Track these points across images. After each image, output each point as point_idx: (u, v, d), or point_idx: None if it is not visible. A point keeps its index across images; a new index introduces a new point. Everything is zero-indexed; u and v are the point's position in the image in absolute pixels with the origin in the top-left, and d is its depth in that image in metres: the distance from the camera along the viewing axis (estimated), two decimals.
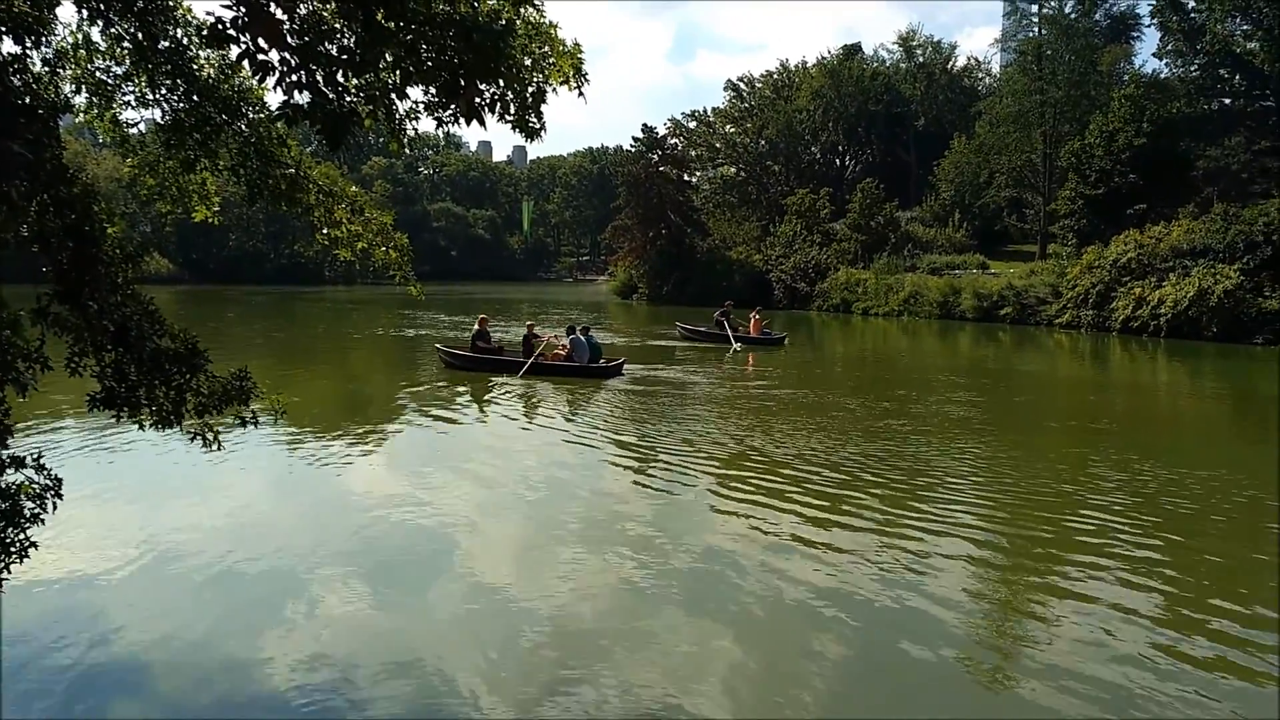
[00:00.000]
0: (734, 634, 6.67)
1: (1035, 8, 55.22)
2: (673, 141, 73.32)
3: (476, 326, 22.28)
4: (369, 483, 11.00)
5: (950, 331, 39.55)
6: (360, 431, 14.29)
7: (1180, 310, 32.74)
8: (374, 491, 10.54)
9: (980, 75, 79.25)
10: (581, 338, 21.25)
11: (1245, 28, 52.93)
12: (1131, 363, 28.62)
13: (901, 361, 29.69)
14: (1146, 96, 46.89)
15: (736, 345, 28.25)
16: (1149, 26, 59.35)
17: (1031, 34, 55.38)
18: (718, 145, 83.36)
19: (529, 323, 23.35)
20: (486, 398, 17.73)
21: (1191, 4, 54.66)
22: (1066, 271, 39.57)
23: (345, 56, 4.40)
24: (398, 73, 4.64)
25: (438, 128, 5.29)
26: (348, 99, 4.56)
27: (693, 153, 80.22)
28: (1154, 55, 57.60)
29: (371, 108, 4.83)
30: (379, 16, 4.26)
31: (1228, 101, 54.10)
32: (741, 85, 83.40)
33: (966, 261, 49.95)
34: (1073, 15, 54.72)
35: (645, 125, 64.52)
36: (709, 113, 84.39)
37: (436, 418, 15.75)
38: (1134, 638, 6.45)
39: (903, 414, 16.47)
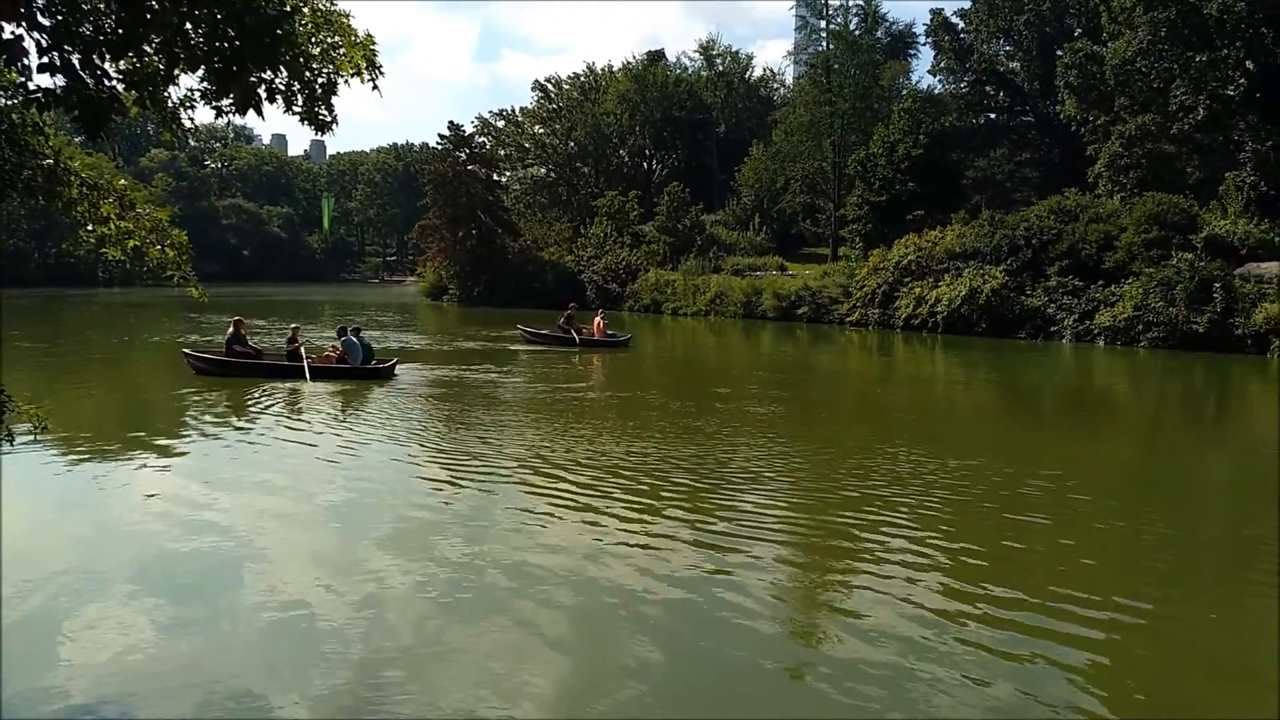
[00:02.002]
0: (545, 639, 6.60)
1: (823, 24, 58.69)
2: (480, 140, 72.36)
3: (231, 330, 20.68)
4: (153, 502, 10.08)
5: (753, 330, 41.32)
6: (137, 447, 13.03)
7: (954, 308, 35.77)
8: (159, 511, 9.68)
9: (775, 85, 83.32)
10: (354, 338, 20.47)
11: (1008, 49, 58.69)
12: (914, 357, 30.99)
13: (709, 360, 30.73)
14: (922, 110, 50.86)
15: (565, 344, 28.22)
16: (924, 45, 64.66)
17: (820, 48, 58.78)
18: (527, 145, 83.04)
19: (294, 325, 22.24)
20: (262, 405, 16.54)
21: (961, 25, 59.99)
22: (855, 273, 42.26)
23: (105, 38, 4.00)
24: (164, 57, 4.27)
25: (217, 117, 4.94)
26: (108, 84, 4.15)
27: (501, 152, 79.49)
28: (929, 72, 62.57)
29: (136, 94, 4.42)
30: None
31: (993, 116, 59.77)
32: (549, 86, 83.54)
33: (766, 263, 52.30)
34: (857, 32, 58.59)
35: (452, 123, 63.54)
36: (517, 113, 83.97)
37: (215, 428, 14.64)
38: (919, 625, 6.78)
39: (709, 413, 16.99)
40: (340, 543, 8.82)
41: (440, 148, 64.89)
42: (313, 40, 4.93)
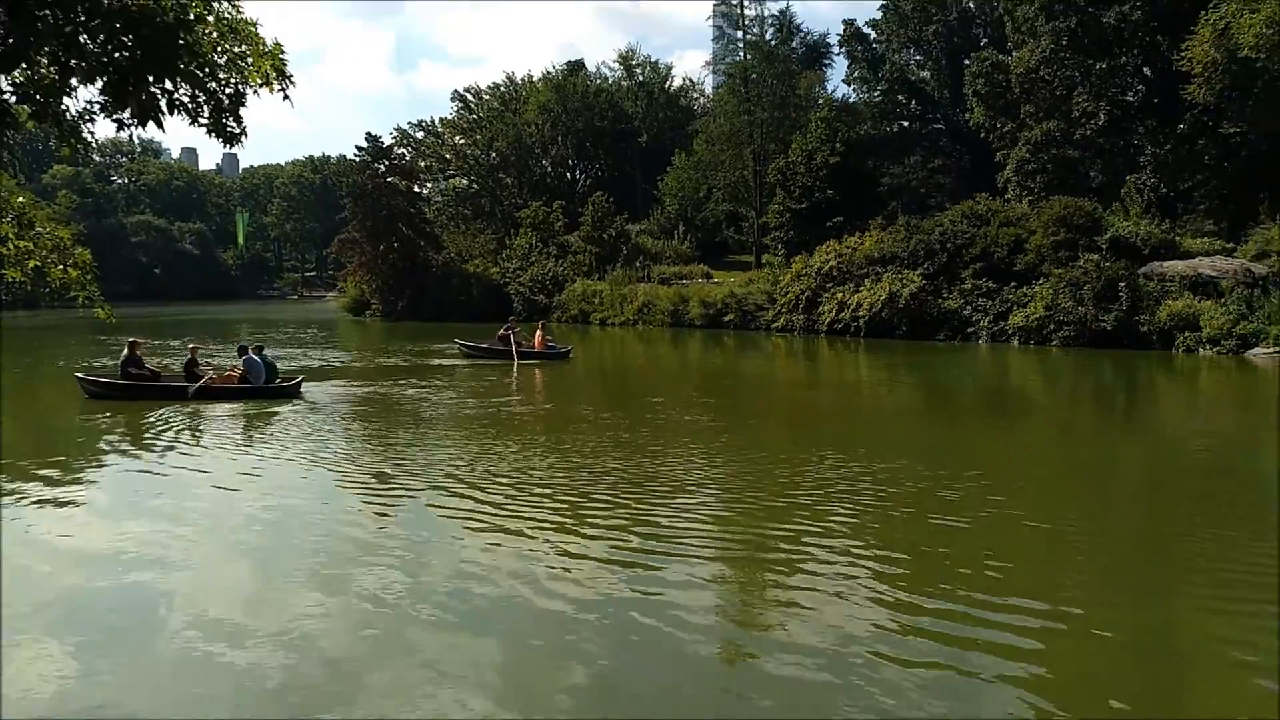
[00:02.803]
0: (473, 664, 6.45)
1: (740, 34, 59.56)
2: (400, 151, 71.57)
3: (126, 351, 19.92)
4: (63, 537, 9.59)
5: (681, 338, 41.55)
6: (36, 479, 12.31)
7: (875, 312, 36.53)
8: (70, 550, 9.19)
9: (695, 95, 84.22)
10: (255, 357, 19.90)
11: (918, 58, 60.50)
12: (838, 361, 31.54)
13: (639, 370, 30.77)
14: (838, 119, 52.00)
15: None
16: (838, 55, 66.16)
17: (738, 58, 59.62)
18: (448, 156, 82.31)
19: (192, 345, 21.48)
20: (163, 430, 15.87)
21: (873, 35, 61.59)
22: (779, 279, 42.86)
23: None
24: (57, 68, 4.06)
25: (118, 130, 4.73)
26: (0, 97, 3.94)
27: (422, 163, 78.59)
28: (844, 81, 64.10)
29: (30, 108, 4.20)
30: (32, 5, 3.71)
31: (906, 124, 61.48)
32: (469, 97, 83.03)
33: (692, 272, 52.69)
34: (773, 42, 59.62)
35: (369, 134, 62.33)
36: (437, 123, 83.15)
37: (117, 456, 14.01)
38: (851, 640, 6.76)
39: (640, 424, 16.99)
40: (258, 573, 8.49)
41: (358, 160, 63.75)
42: (218, 49, 4.75)
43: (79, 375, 20.17)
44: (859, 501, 10.50)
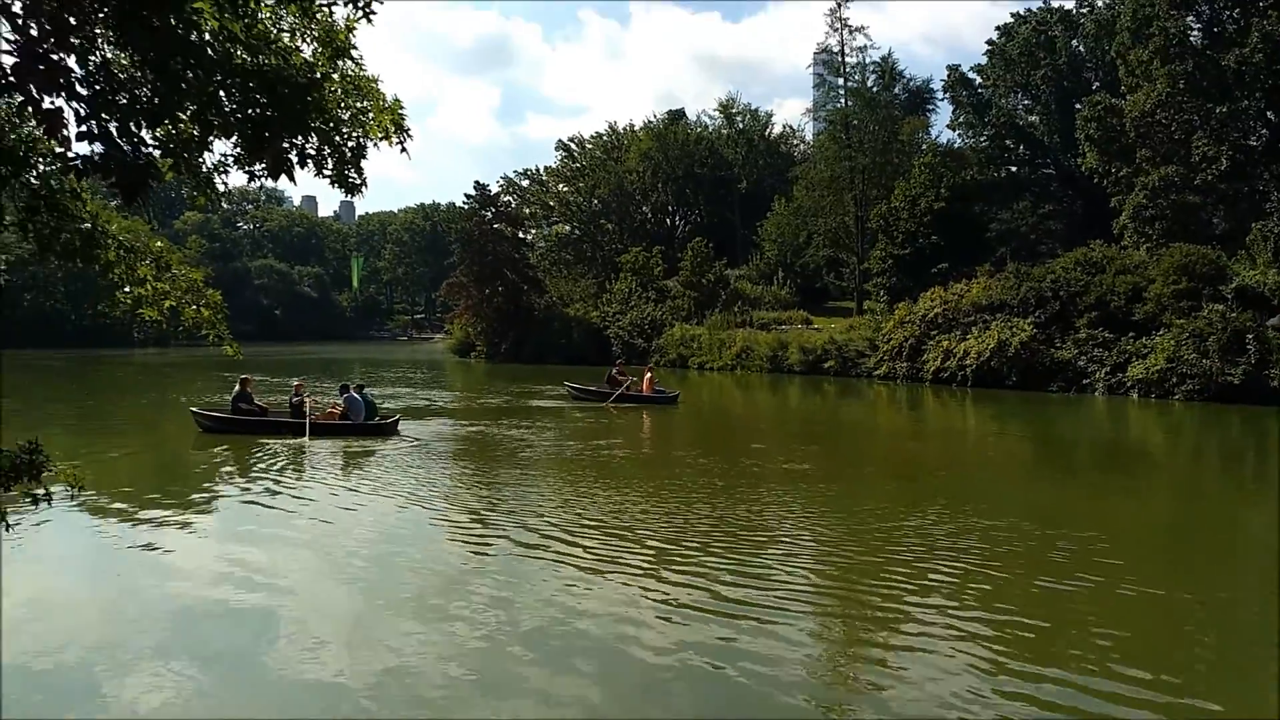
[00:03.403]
0: (566, 708, 6.47)
1: (841, 81, 59.45)
2: (506, 199, 73.60)
3: (238, 388, 20.96)
4: (175, 564, 10.08)
5: (780, 384, 41.15)
6: (155, 507, 12.99)
7: (983, 361, 35.42)
8: (183, 572, 9.67)
9: (795, 142, 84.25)
10: (356, 395, 20.61)
11: (1026, 103, 59.15)
12: (943, 410, 30.63)
13: (737, 414, 30.56)
14: (943, 164, 51.17)
15: (610, 404, 28.05)
16: (943, 100, 65.28)
17: (839, 105, 59.47)
18: (551, 204, 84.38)
19: (296, 383, 22.37)
20: (269, 464, 16.54)
21: (979, 81, 60.59)
22: (881, 326, 42.10)
23: (141, 107, 4.09)
24: (198, 125, 4.36)
25: (249, 182, 5.04)
26: (144, 151, 4.24)
27: (526, 210, 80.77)
28: (948, 127, 63.04)
29: (172, 160, 4.51)
30: (176, 66, 4.00)
31: (1014, 169, 60.03)
32: (572, 145, 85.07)
33: (792, 317, 52.32)
34: (875, 89, 59.25)
35: (478, 183, 64.46)
36: (541, 171, 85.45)
37: (228, 488, 14.72)
38: (947, 705, 6.55)
39: (738, 469, 16.85)
40: (356, 606, 8.71)
41: (467, 207, 66.00)
42: (342, 105, 5.04)
43: (193, 410, 21.32)
44: (961, 560, 10.07)
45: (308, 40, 4.83)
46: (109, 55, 4.13)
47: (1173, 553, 11.26)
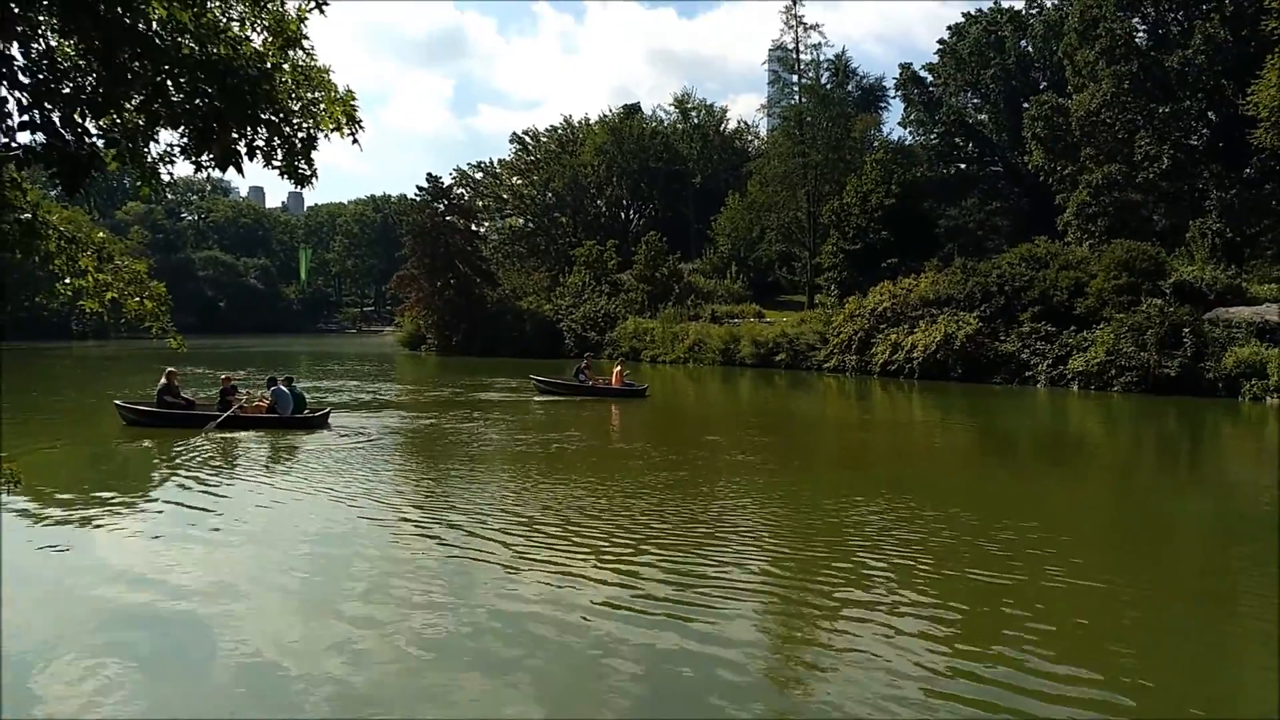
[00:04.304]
0: (517, 696, 6.50)
1: (795, 78, 59.98)
2: (459, 191, 72.96)
3: (163, 380, 20.54)
4: (108, 561, 9.86)
5: (732, 377, 41.46)
6: (78, 506, 12.65)
7: (930, 354, 36.09)
8: (117, 568, 9.47)
9: (749, 138, 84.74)
10: (284, 388, 20.40)
11: (975, 101, 60.28)
12: (891, 402, 31.16)
13: (691, 408, 30.74)
14: (894, 161, 52.01)
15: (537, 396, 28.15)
16: (894, 98, 66.22)
17: (793, 101, 59.99)
18: (505, 196, 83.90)
19: (224, 376, 22.01)
20: (192, 456, 16.26)
21: (930, 79, 61.55)
22: (832, 320, 42.65)
23: (85, 97, 4.04)
24: (144, 115, 4.31)
25: (196, 172, 4.99)
26: (88, 141, 4.18)
27: (480, 203, 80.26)
28: (900, 124, 63.98)
29: (116, 151, 4.45)
30: (122, 55, 3.95)
31: (963, 166, 61.16)
32: (527, 138, 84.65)
33: (744, 311, 52.71)
34: (829, 86, 59.89)
35: (430, 174, 63.82)
36: (495, 164, 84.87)
37: (158, 483, 14.40)
38: (889, 691, 6.66)
39: (691, 462, 16.98)
40: (294, 606, 8.54)
41: (419, 199, 65.32)
42: (293, 96, 5.00)
43: (118, 403, 20.91)
44: (904, 553, 10.21)
45: (258, 30, 4.79)
46: (53, 44, 4.07)
47: (1108, 543, 11.53)
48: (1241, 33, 38.32)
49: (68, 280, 6.02)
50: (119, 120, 4.46)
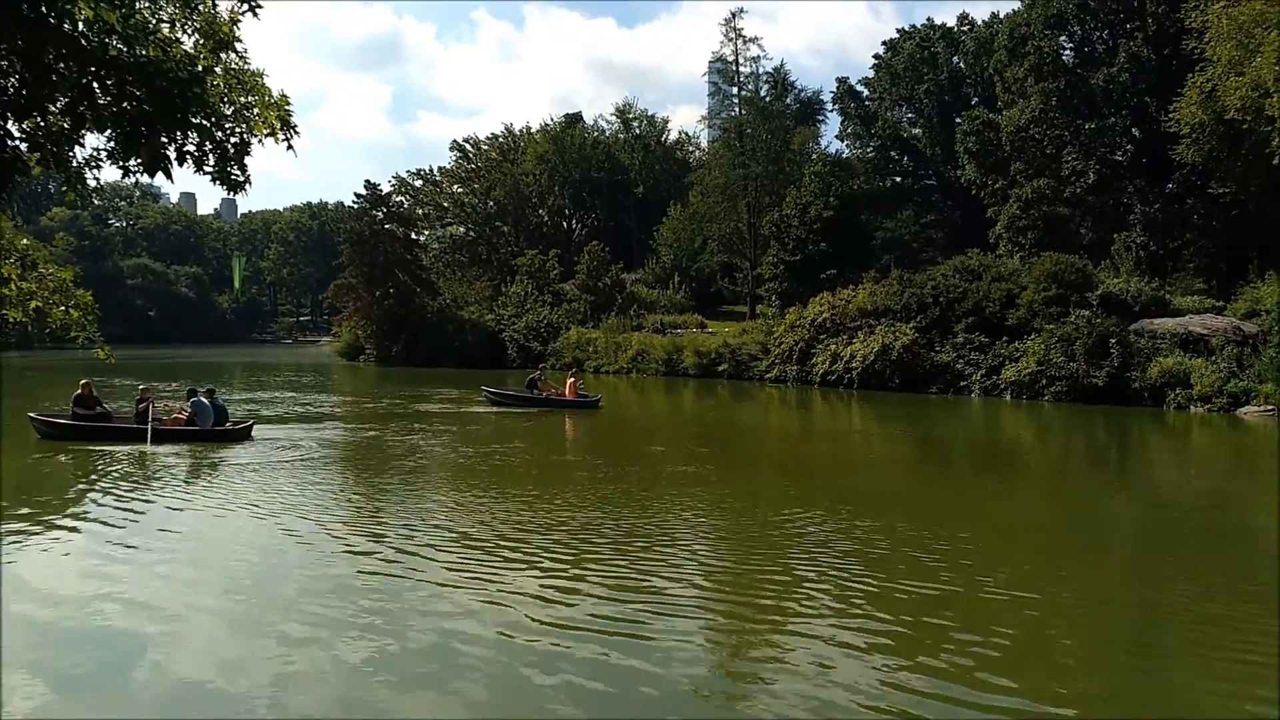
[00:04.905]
0: (462, 708, 6.40)
1: (735, 90, 60.61)
2: (398, 199, 72.21)
3: (78, 391, 20.03)
4: (27, 580, 9.44)
5: (675, 387, 41.59)
6: (4, 520, 12.18)
7: (868, 364, 36.66)
8: (37, 588, 9.09)
9: (691, 149, 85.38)
10: (204, 400, 19.93)
11: (910, 115, 61.63)
12: (831, 412, 31.57)
13: (634, 418, 30.73)
14: (832, 174, 52.77)
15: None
16: (832, 111, 67.31)
17: (733, 114, 60.61)
18: (445, 205, 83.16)
19: (142, 387, 21.51)
20: (108, 471, 15.82)
21: (866, 93, 62.75)
22: (773, 330, 43.07)
23: (7, 99, 3.87)
24: (69, 118, 4.15)
25: (124, 178, 4.81)
26: (10, 144, 4.01)
27: (420, 211, 79.38)
28: (837, 137, 65.08)
29: (40, 155, 4.27)
30: (48, 57, 3.79)
31: (899, 179, 62.44)
32: (468, 146, 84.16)
33: (686, 321, 52.96)
34: (768, 98, 60.65)
35: (368, 182, 62.96)
36: (435, 172, 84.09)
37: (74, 498, 13.88)
38: (852, 682, 6.80)
39: (634, 472, 16.95)
40: (223, 626, 8.26)
41: (357, 206, 64.35)
42: (225, 100, 4.85)
43: (31, 415, 20.21)
44: (841, 565, 10.20)
45: (189, 32, 4.64)
46: None
47: (1043, 552, 11.64)
48: (1164, 51, 39.85)
49: None
50: (43, 123, 4.29)
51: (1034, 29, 43.03)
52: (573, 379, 30.22)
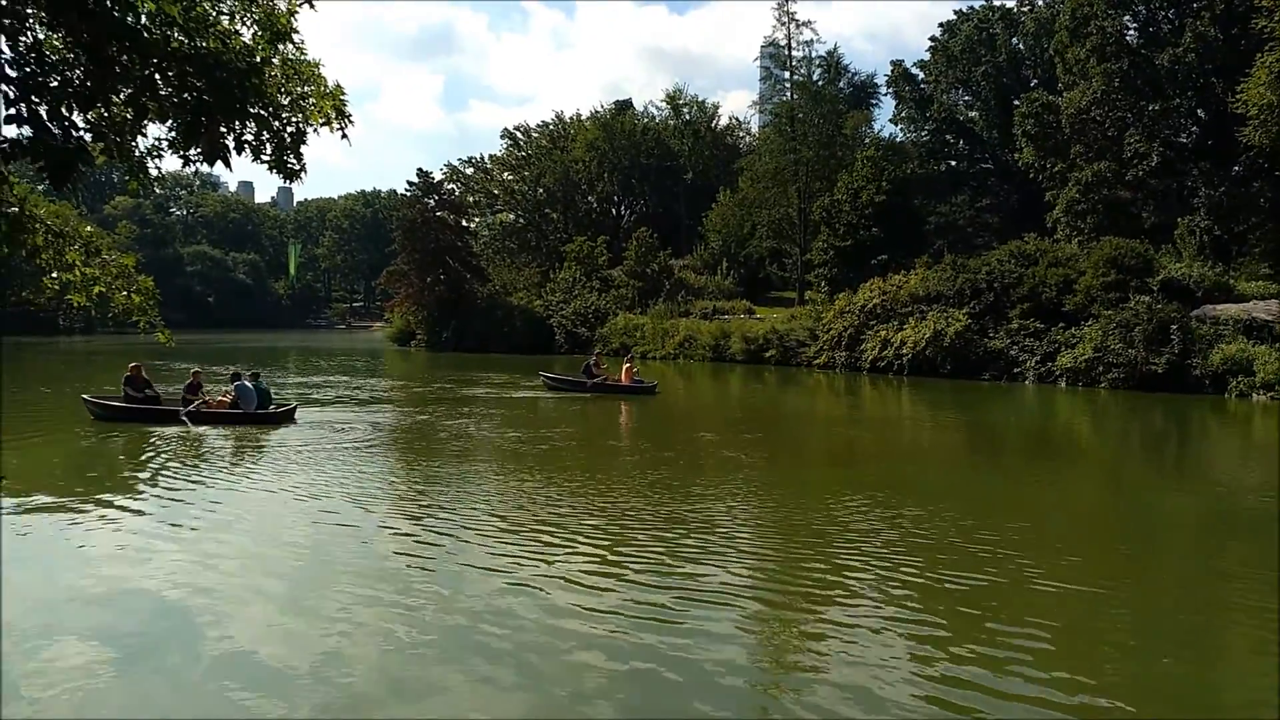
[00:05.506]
0: (503, 697, 6.48)
1: (787, 75, 59.95)
2: (449, 187, 72.82)
3: (128, 374, 20.63)
4: (89, 556, 9.81)
5: (721, 373, 41.48)
6: (54, 499, 12.61)
7: (919, 350, 36.20)
8: (97, 565, 9.44)
9: (741, 134, 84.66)
10: (248, 384, 20.37)
11: (966, 98, 60.41)
12: (880, 399, 31.23)
13: (680, 404, 30.73)
14: (885, 158, 51.98)
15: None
16: (886, 95, 66.28)
17: (785, 98, 59.96)
18: (496, 192, 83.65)
19: (194, 370, 21.99)
20: (157, 452, 16.24)
21: (921, 76, 61.65)
22: (822, 316, 42.71)
23: (73, 90, 4.01)
24: (132, 109, 4.29)
25: (184, 167, 4.96)
26: (76, 135, 4.15)
27: (470, 199, 79.96)
28: (891, 121, 64.07)
29: (104, 145, 4.42)
30: (111, 49, 3.92)
31: (953, 163, 61.30)
32: (518, 134, 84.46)
33: (734, 307, 52.71)
34: (820, 83, 59.89)
35: (420, 170, 63.91)
36: (486, 160, 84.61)
37: (127, 478, 14.33)
38: (876, 697, 6.65)
39: (679, 458, 16.99)
40: (272, 606, 8.49)
41: (409, 194, 65.10)
42: (282, 90, 4.98)
43: (85, 397, 20.94)
44: (893, 551, 10.18)
45: (247, 24, 4.77)
46: (41, 37, 4.04)
47: (1096, 544, 11.43)
48: (1231, 31, 38.47)
49: (55, 274, 5.99)
50: (107, 114, 4.44)
51: (1097, 9, 41.78)
52: (628, 364, 30.18)
